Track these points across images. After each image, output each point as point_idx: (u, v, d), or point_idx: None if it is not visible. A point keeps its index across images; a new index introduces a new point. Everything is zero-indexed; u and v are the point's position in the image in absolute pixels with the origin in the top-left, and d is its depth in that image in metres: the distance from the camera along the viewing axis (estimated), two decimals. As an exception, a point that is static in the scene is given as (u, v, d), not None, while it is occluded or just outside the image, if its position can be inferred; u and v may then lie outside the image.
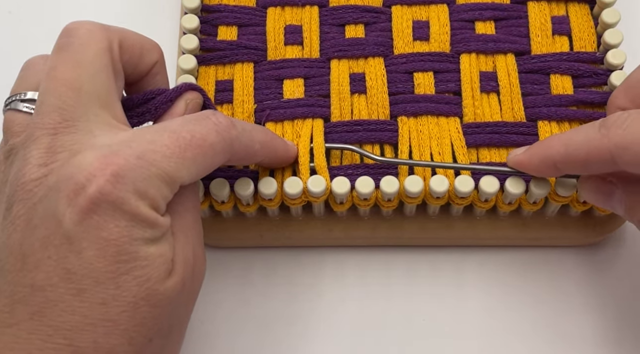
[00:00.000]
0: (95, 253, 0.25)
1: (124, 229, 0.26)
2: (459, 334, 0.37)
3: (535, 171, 0.33)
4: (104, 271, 0.26)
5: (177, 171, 0.27)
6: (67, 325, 0.25)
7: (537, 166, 0.32)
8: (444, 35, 0.39)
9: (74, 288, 0.25)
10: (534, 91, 0.38)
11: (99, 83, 0.29)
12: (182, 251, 0.28)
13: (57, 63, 0.28)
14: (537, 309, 0.37)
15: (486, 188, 0.34)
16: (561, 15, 0.39)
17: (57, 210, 0.26)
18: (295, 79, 0.38)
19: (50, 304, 0.25)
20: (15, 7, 0.46)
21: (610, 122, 0.29)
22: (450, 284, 0.38)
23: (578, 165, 0.30)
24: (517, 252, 0.38)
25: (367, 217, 0.38)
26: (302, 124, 0.37)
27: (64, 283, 0.25)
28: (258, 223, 0.38)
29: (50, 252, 0.26)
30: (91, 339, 0.25)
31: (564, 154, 0.31)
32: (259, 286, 0.38)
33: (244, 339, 0.37)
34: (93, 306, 0.25)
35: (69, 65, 0.28)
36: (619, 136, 0.28)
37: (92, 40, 0.29)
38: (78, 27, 0.29)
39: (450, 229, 0.37)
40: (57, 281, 0.25)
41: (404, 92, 0.38)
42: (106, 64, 0.29)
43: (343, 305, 0.37)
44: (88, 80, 0.28)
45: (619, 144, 0.28)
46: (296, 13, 0.40)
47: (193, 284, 0.29)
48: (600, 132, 0.29)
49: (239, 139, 0.30)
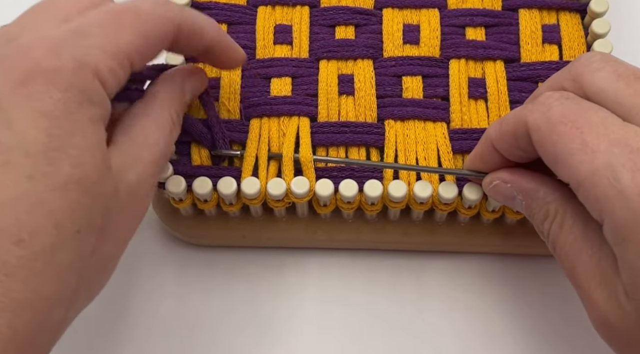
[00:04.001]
0: (26, 125, 0.24)
1: (59, 101, 0.25)
2: (441, 340, 0.36)
3: (480, 160, 0.32)
4: (34, 143, 0.24)
5: (116, 37, 0.27)
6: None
7: (480, 153, 0.32)
8: (434, 40, 0.39)
9: (2, 159, 0.24)
10: (522, 98, 0.38)
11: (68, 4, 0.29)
12: (123, 161, 0.27)
13: None
14: (522, 314, 0.37)
15: (470, 195, 0.34)
16: (552, 24, 0.39)
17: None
18: (283, 78, 0.38)
19: None
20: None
21: (539, 98, 0.29)
22: (433, 290, 0.38)
23: (508, 139, 0.30)
24: (500, 260, 0.38)
25: (351, 220, 0.37)
26: (288, 121, 0.37)
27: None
28: (241, 223, 0.37)
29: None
30: (12, 215, 0.24)
31: (498, 131, 0.30)
32: (242, 286, 0.38)
33: (225, 338, 0.37)
34: (19, 179, 0.24)
35: None
36: (538, 113, 0.28)
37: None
38: None
39: (434, 235, 0.37)
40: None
41: (392, 95, 0.38)
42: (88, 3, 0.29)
43: (325, 307, 0.37)
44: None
45: (535, 122, 0.28)
46: (287, 13, 0.40)
47: (132, 204, 0.28)
48: (527, 107, 0.29)
49: (179, 8, 0.30)
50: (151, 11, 0.28)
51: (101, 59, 0.26)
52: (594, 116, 0.27)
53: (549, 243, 0.30)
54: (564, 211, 0.29)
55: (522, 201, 0.31)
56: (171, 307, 0.37)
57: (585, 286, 0.27)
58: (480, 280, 0.38)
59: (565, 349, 0.36)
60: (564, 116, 0.27)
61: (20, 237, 0.24)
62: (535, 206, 0.30)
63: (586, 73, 0.28)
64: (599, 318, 0.27)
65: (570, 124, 0.27)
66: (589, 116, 0.27)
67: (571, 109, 0.27)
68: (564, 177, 0.27)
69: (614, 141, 0.26)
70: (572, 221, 0.28)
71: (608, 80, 0.28)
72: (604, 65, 0.28)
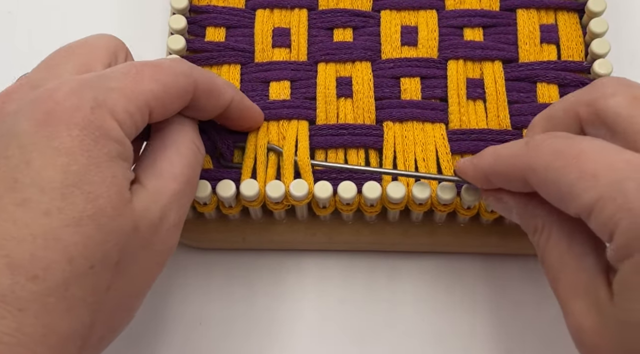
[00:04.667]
0: (43, 162, 0.25)
1: (76, 138, 0.25)
2: (440, 341, 0.36)
3: (473, 181, 0.32)
4: (50, 180, 0.25)
5: (136, 84, 0.28)
6: (5, 235, 0.24)
7: (473, 176, 0.32)
8: (432, 41, 0.39)
9: (19, 197, 0.25)
10: (520, 98, 0.38)
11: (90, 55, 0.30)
12: (147, 201, 0.28)
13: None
14: (520, 317, 0.37)
15: (468, 196, 0.34)
16: (550, 24, 0.39)
17: (15, 126, 0.26)
18: (282, 81, 0.38)
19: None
20: (15, 7, 0.46)
21: (532, 141, 0.28)
22: (433, 291, 0.38)
23: (502, 178, 0.30)
24: (500, 260, 0.38)
25: (350, 222, 0.37)
26: (287, 125, 0.37)
27: (10, 193, 0.25)
28: (241, 225, 0.38)
29: (1, 164, 0.25)
30: (28, 251, 0.24)
31: (492, 165, 0.30)
32: (241, 288, 0.38)
33: (225, 340, 0.37)
34: (36, 216, 0.25)
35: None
36: (531, 157, 0.27)
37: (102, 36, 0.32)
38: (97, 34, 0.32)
39: (433, 236, 0.37)
40: (3, 191, 0.25)
41: (390, 97, 0.38)
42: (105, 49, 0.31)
43: (324, 309, 0.37)
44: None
45: (530, 166, 0.27)
46: (285, 16, 0.40)
47: (155, 239, 0.28)
48: (522, 150, 0.28)
49: (198, 69, 0.31)
50: (170, 66, 0.29)
51: (120, 102, 0.27)
52: (589, 145, 0.26)
53: (538, 255, 0.30)
54: (550, 225, 0.29)
55: (517, 214, 0.31)
56: (171, 309, 0.37)
57: (566, 297, 0.27)
58: (481, 281, 0.38)
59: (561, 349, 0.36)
60: (557, 151, 0.26)
61: (35, 273, 0.24)
62: (527, 220, 0.30)
63: (600, 98, 0.28)
64: (575, 328, 0.27)
65: (565, 157, 0.26)
66: (582, 146, 0.26)
67: (563, 143, 0.27)
68: (575, 212, 0.26)
69: (615, 162, 0.25)
70: (558, 236, 0.28)
71: (623, 104, 0.27)
72: (619, 89, 0.28)
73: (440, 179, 0.34)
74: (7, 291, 0.24)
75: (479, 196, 0.34)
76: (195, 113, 0.32)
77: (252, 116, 0.35)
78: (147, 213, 0.28)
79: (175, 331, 0.37)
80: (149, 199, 0.28)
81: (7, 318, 0.24)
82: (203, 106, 0.32)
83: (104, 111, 0.26)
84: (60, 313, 0.25)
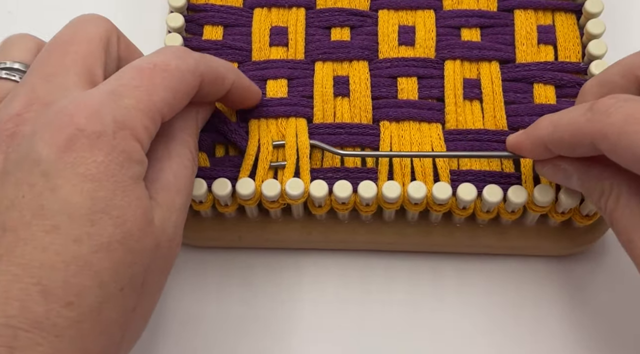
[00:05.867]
0: (71, 190, 0.25)
1: (101, 164, 0.25)
2: (435, 340, 0.36)
3: (530, 153, 0.32)
4: (79, 207, 0.25)
5: (150, 96, 0.27)
6: (37, 263, 0.24)
7: (530, 148, 0.32)
8: (430, 41, 0.39)
9: (48, 224, 0.25)
10: (517, 99, 0.38)
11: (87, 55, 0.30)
12: (163, 212, 0.28)
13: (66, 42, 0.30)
14: (514, 318, 0.37)
15: (464, 196, 0.34)
16: (547, 25, 0.39)
17: (34, 151, 0.25)
18: (279, 80, 0.38)
19: (20, 243, 0.24)
20: (15, 7, 0.46)
21: (597, 106, 0.28)
22: (428, 290, 0.38)
23: (565, 146, 0.30)
24: (495, 261, 0.38)
25: (346, 221, 0.38)
26: (285, 123, 0.37)
27: (38, 220, 0.25)
28: (237, 224, 0.38)
29: (24, 191, 0.25)
30: (61, 279, 0.24)
31: (551, 134, 0.30)
32: (237, 287, 0.38)
33: (220, 339, 0.37)
34: (67, 243, 0.25)
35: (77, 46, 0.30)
36: (600, 123, 0.27)
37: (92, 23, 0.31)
38: (83, 16, 0.32)
39: (429, 236, 0.37)
40: (30, 218, 0.25)
41: (387, 96, 0.38)
42: (99, 43, 0.30)
43: (320, 308, 0.37)
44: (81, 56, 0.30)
45: (600, 131, 0.27)
46: (282, 14, 0.40)
47: (169, 254, 0.29)
48: (586, 116, 0.28)
49: (202, 60, 0.30)
50: (178, 67, 0.29)
51: (138, 119, 0.27)
52: None
53: (607, 219, 0.30)
54: (618, 186, 0.29)
55: (578, 180, 0.31)
56: (166, 307, 0.37)
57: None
58: (477, 280, 0.38)
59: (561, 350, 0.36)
60: (629, 115, 0.27)
61: (69, 299, 0.25)
62: (591, 183, 0.30)
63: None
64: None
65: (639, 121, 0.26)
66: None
67: (634, 108, 0.27)
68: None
69: None
70: (628, 196, 0.28)
71: None
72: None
73: (489, 157, 0.35)
74: (43, 318, 0.24)
75: (475, 196, 0.34)
76: (197, 100, 0.32)
77: (251, 96, 0.35)
78: (165, 229, 0.28)
79: (171, 329, 0.37)
80: (164, 215, 0.28)
81: (44, 344, 0.24)
82: (206, 94, 0.32)
83: (125, 133, 0.26)
84: (94, 337, 0.25)
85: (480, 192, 0.34)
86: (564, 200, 0.34)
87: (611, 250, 0.38)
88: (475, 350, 0.36)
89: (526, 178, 0.35)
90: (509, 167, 0.36)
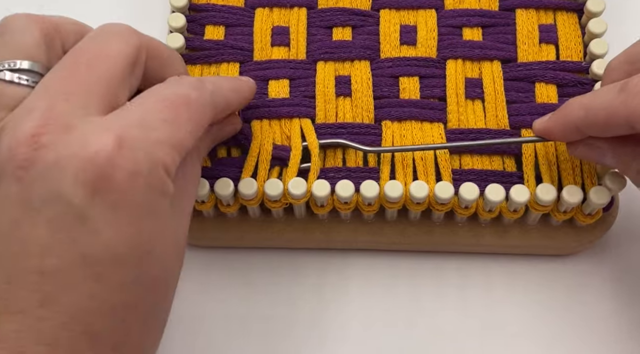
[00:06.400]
0: (112, 234, 0.24)
1: (140, 206, 0.25)
2: (438, 339, 0.36)
3: (561, 136, 0.33)
4: (122, 253, 0.24)
5: (177, 130, 0.27)
6: (85, 312, 0.24)
7: (561, 131, 0.32)
8: (431, 41, 0.39)
9: (92, 272, 0.24)
10: (519, 98, 0.38)
11: (112, 75, 0.27)
12: (185, 231, 0.29)
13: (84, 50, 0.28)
14: (515, 315, 0.37)
15: (466, 195, 0.34)
16: (549, 24, 0.39)
17: (64, 189, 0.24)
18: (281, 80, 0.38)
19: (64, 290, 0.24)
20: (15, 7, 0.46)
21: (630, 86, 0.28)
22: (430, 290, 0.38)
23: (598, 128, 0.30)
24: (497, 260, 0.38)
25: (348, 221, 0.38)
26: (289, 123, 0.37)
27: (81, 268, 0.24)
28: (239, 224, 0.38)
29: (62, 235, 0.24)
30: (109, 324, 0.24)
31: (584, 117, 0.30)
32: (239, 287, 0.38)
33: (222, 338, 0.37)
34: (113, 289, 0.24)
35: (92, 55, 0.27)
36: (636, 104, 0.27)
37: (121, 39, 0.28)
38: (111, 27, 0.29)
39: (431, 235, 0.37)
40: (72, 265, 0.24)
41: (389, 96, 0.38)
42: (127, 62, 0.28)
43: (322, 308, 0.37)
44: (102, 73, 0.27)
45: (636, 113, 0.27)
46: (284, 14, 0.40)
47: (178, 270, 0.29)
48: (619, 97, 0.28)
49: (214, 91, 0.30)
50: (198, 99, 0.28)
51: (169, 154, 0.26)
52: None
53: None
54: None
55: (613, 158, 0.31)
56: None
57: None
58: (479, 280, 0.38)
59: (561, 350, 0.36)
60: None
61: (116, 341, 0.25)
62: (625, 159, 0.30)
63: None
64: None
65: None
66: None
67: None
68: None
69: None
70: None
71: None
72: None
73: (518, 142, 0.35)
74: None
75: (477, 195, 0.34)
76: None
77: (250, 93, 0.34)
78: (184, 244, 0.29)
79: (173, 330, 0.37)
80: (180, 222, 0.29)
81: None
82: (216, 120, 0.32)
83: (160, 172, 0.26)
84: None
85: (483, 192, 0.34)
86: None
87: (612, 248, 0.38)
88: (477, 349, 0.36)
89: (528, 177, 0.35)
90: (510, 166, 0.36)
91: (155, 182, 0.25)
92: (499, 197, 0.34)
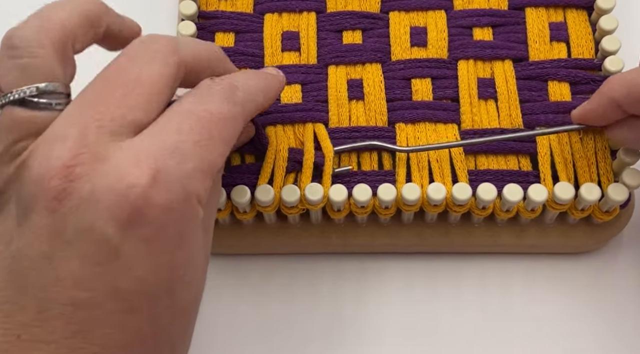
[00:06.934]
0: (146, 269, 0.24)
1: (174, 238, 0.24)
2: (455, 341, 0.36)
3: (601, 118, 0.33)
4: (155, 286, 0.24)
5: (211, 154, 0.25)
6: (117, 343, 0.24)
7: (602, 112, 0.32)
8: (442, 42, 0.39)
9: (125, 306, 0.24)
10: (532, 97, 0.38)
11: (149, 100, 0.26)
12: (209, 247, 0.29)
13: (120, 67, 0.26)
14: (535, 316, 0.37)
15: (484, 196, 0.34)
16: (559, 22, 0.39)
17: (97, 224, 0.23)
18: (293, 85, 0.38)
19: (97, 322, 0.24)
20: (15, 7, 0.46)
21: None
22: (449, 292, 0.38)
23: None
24: (515, 260, 0.38)
25: (364, 225, 0.37)
26: (302, 129, 0.37)
27: (114, 302, 0.24)
28: (255, 230, 0.37)
29: (94, 270, 0.23)
30: (140, 353, 0.25)
31: (626, 94, 0.31)
32: (255, 294, 0.38)
33: (238, 346, 0.37)
34: (146, 321, 0.24)
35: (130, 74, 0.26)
36: None
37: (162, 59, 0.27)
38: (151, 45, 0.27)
39: (448, 236, 0.37)
40: (104, 299, 0.24)
41: (402, 98, 0.38)
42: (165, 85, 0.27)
43: (339, 312, 0.37)
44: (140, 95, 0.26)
45: None
46: (293, 19, 0.40)
47: None
48: None
49: (245, 99, 0.28)
50: (231, 113, 0.27)
51: (201, 182, 0.25)
52: None
53: None
54: None
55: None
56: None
57: None
58: (497, 280, 0.38)
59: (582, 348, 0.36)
60: None
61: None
62: None
63: None
64: None
65: None
66: None
67: None
68: None
69: None
70: None
71: None
72: None
73: (557, 132, 0.35)
74: None
75: (495, 195, 0.34)
76: None
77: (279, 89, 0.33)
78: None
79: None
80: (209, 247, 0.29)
81: None
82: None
83: (193, 201, 0.25)
84: None
85: (500, 192, 0.34)
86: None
87: (630, 245, 0.38)
88: (498, 349, 0.36)
89: (544, 176, 0.35)
90: (526, 165, 0.36)
91: (189, 213, 0.25)
92: (517, 197, 0.34)
